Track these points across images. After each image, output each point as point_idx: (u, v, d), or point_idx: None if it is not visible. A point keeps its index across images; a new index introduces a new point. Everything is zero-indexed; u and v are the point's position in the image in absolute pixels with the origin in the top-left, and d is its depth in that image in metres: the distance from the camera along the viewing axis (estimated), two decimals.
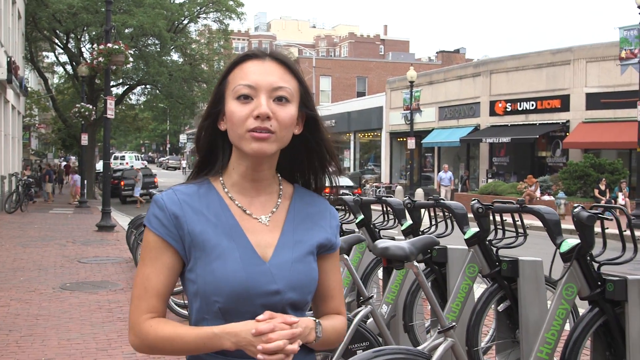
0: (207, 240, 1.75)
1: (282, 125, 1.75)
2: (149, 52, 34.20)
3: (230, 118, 1.76)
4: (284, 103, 1.77)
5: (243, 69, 1.79)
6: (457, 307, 4.82)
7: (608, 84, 28.18)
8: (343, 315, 1.97)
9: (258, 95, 1.75)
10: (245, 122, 1.73)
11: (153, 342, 1.75)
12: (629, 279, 3.87)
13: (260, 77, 1.76)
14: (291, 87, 1.80)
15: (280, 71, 1.80)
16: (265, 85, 1.76)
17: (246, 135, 1.73)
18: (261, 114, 1.72)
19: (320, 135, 1.91)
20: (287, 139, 1.80)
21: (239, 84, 1.77)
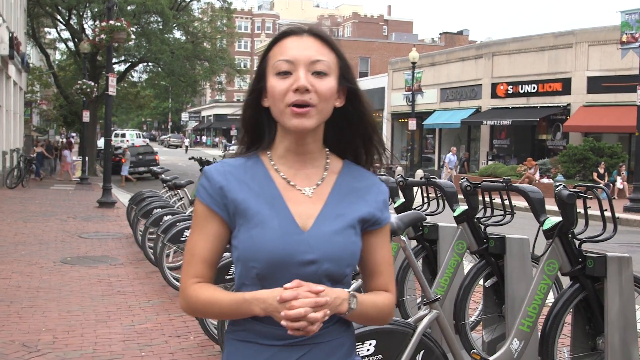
0: (248, 208, 1.82)
1: (321, 98, 1.80)
2: (151, 29, 34.15)
3: (271, 93, 1.82)
4: (323, 76, 1.82)
5: (282, 46, 1.85)
6: (445, 282, 4.97)
7: (609, 67, 28.20)
8: (390, 292, 1.97)
9: (297, 69, 1.80)
10: (285, 97, 1.79)
11: (195, 306, 1.85)
12: (609, 256, 4.00)
13: (298, 52, 1.82)
14: (329, 60, 1.85)
15: (318, 45, 1.85)
16: (303, 59, 1.81)
17: (286, 110, 1.79)
18: (300, 87, 1.77)
19: (362, 108, 1.94)
20: (328, 111, 1.85)
21: (278, 59, 1.82)
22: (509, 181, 4.61)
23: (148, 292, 8.31)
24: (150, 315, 7.20)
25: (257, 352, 1.83)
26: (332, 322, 1.84)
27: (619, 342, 4.01)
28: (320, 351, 1.83)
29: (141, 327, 6.76)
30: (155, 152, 36.25)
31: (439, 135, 39.36)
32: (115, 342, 6.26)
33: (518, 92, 32.69)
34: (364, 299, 1.87)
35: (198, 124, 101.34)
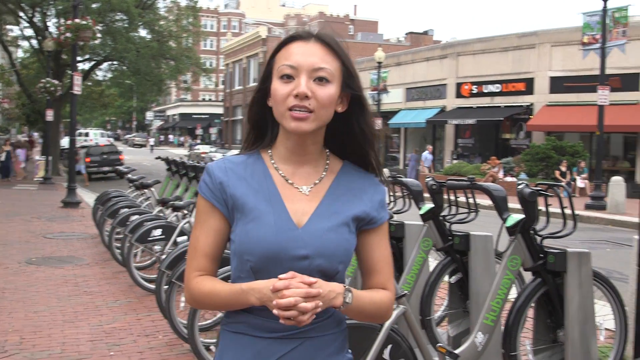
0: (246, 203, 1.89)
1: (320, 104, 1.85)
2: (117, 28, 33.83)
3: (274, 96, 1.88)
4: (324, 83, 1.86)
5: (288, 50, 1.90)
6: (411, 278, 5.07)
7: (571, 68, 28.68)
8: (389, 290, 2.01)
9: (299, 75, 1.85)
10: (285, 100, 1.85)
11: (198, 297, 1.91)
12: (569, 251, 4.13)
13: (302, 58, 1.86)
14: (332, 67, 1.89)
15: (323, 52, 1.90)
16: (306, 66, 1.86)
17: (286, 114, 1.85)
18: (300, 94, 1.83)
19: (364, 116, 1.99)
20: (327, 117, 1.90)
21: (283, 64, 1.88)
22: (473, 180, 4.73)
23: (115, 292, 8.30)
24: (118, 315, 7.20)
25: (250, 344, 1.89)
26: (325, 317, 1.90)
27: (579, 335, 4.14)
28: (311, 345, 1.89)
29: (109, 326, 6.76)
30: (119, 152, 35.94)
31: (404, 135, 39.63)
32: (83, 342, 6.25)
33: (482, 92, 33.08)
34: (361, 295, 1.92)
35: (163, 123, 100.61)
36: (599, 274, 4.51)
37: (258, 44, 60.95)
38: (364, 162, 2.04)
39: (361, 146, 2.01)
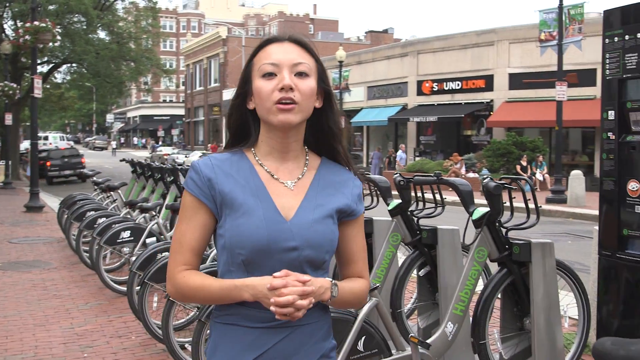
0: (235, 198, 1.97)
1: (303, 96, 1.97)
2: (75, 30, 33.47)
3: (258, 94, 1.99)
4: (304, 77, 1.99)
5: (266, 51, 2.02)
6: (381, 272, 5.19)
7: (530, 64, 29.16)
8: (365, 279, 2.14)
9: (281, 71, 1.97)
10: (271, 95, 1.96)
11: (184, 291, 1.99)
12: (533, 242, 4.28)
13: (281, 56, 1.99)
14: (309, 63, 2.03)
15: (299, 50, 2.03)
16: (287, 62, 1.98)
17: (273, 108, 1.95)
18: (285, 86, 1.94)
19: (332, 113, 2.11)
20: (310, 109, 2.02)
21: (264, 63, 1.99)
22: (439, 175, 4.86)
23: (85, 294, 8.30)
24: (89, 317, 7.22)
25: (242, 334, 1.98)
26: (312, 307, 1.97)
27: (544, 322, 4.30)
28: (301, 333, 1.99)
29: (81, 329, 6.77)
30: (81, 155, 35.54)
31: (366, 133, 39.88)
32: (55, 344, 6.27)
33: (443, 89, 33.46)
34: (343, 287, 2.04)
35: (124, 125, 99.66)
36: (562, 263, 4.68)
37: (218, 44, 60.73)
38: (334, 158, 2.15)
39: (330, 142, 2.13)
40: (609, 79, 3.78)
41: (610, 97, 3.78)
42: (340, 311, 3.88)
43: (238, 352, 1.98)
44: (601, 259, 3.94)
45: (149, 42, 38.95)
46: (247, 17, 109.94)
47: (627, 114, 3.73)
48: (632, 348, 2.26)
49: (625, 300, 3.80)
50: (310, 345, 2.02)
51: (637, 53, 3.60)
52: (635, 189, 3.68)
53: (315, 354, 2.03)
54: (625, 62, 3.67)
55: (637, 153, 3.67)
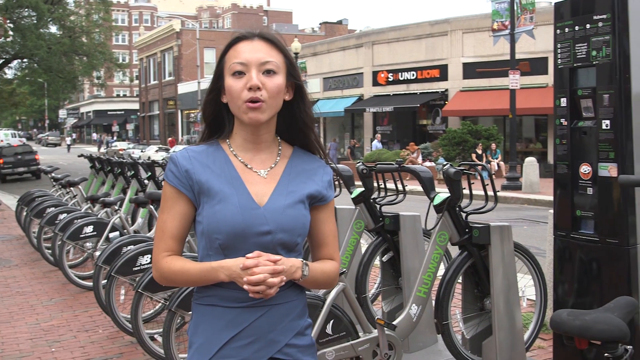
0: (211, 187, 2.09)
1: (271, 94, 2.08)
2: (25, 24, 32.97)
3: (229, 92, 2.10)
4: (272, 75, 2.09)
5: (236, 49, 2.12)
6: (346, 259, 5.33)
7: (483, 54, 29.57)
8: (335, 261, 2.26)
9: (249, 70, 2.07)
10: (241, 94, 2.07)
11: (167, 275, 2.11)
12: (491, 225, 4.46)
13: (250, 55, 2.09)
14: (277, 60, 2.12)
15: (267, 48, 2.13)
16: (254, 61, 2.08)
17: (243, 106, 2.07)
18: (252, 85, 2.05)
19: (304, 103, 2.22)
20: (278, 105, 2.13)
21: (233, 62, 2.10)
22: (401, 163, 5.02)
23: (49, 290, 8.29)
24: (54, 312, 7.23)
25: (221, 314, 2.10)
26: (286, 287, 2.12)
27: (504, 302, 4.48)
28: (276, 312, 2.11)
29: (47, 324, 6.79)
30: (35, 152, 35.00)
31: (323, 124, 40.02)
32: (22, 340, 6.29)
33: (398, 80, 33.73)
34: (314, 267, 2.17)
35: (77, 120, 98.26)
36: (520, 246, 4.87)
37: (172, 37, 60.21)
38: (307, 145, 2.28)
39: (303, 131, 2.26)
40: (560, 68, 3.96)
41: (562, 85, 3.96)
42: (309, 295, 4.01)
43: (217, 330, 2.10)
44: (556, 240, 4.13)
45: (101, 36, 38.53)
46: (201, 9, 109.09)
47: (578, 101, 3.92)
48: (586, 318, 2.43)
49: (579, 279, 3.99)
50: (286, 323, 2.14)
51: (586, 43, 3.79)
52: (587, 172, 3.87)
53: (291, 331, 2.16)
54: (576, 51, 3.86)
55: (588, 138, 3.86)
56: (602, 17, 3.69)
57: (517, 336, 4.55)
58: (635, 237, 3.70)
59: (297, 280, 2.11)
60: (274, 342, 2.12)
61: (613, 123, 3.68)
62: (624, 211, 3.69)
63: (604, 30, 3.68)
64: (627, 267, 3.71)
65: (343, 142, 38.82)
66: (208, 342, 2.11)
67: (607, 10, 3.68)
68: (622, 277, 3.74)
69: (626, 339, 2.42)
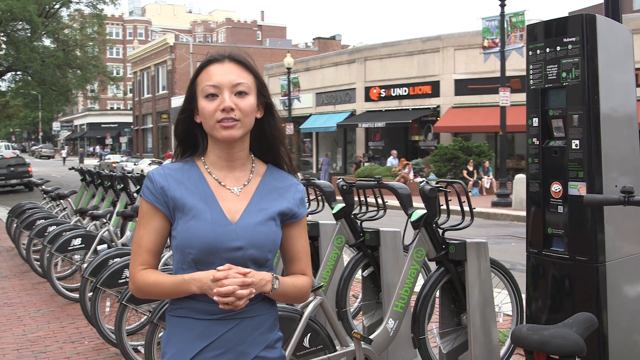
0: (185, 204, 2.17)
1: (244, 113, 2.17)
2: (19, 37, 33.06)
3: (202, 113, 2.20)
4: (244, 96, 2.19)
5: (208, 72, 2.21)
6: (327, 273, 5.41)
7: (474, 70, 29.77)
8: (307, 276, 2.34)
9: (222, 92, 2.17)
10: (214, 115, 2.16)
11: (142, 287, 2.20)
12: (468, 242, 4.55)
13: (222, 77, 2.18)
14: (248, 81, 2.21)
15: (238, 69, 2.22)
16: (227, 84, 2.17)
17: (216, 126, 2.16)
18: (226, 107, 2.15)
19: (274, 120, 2.33)
20: (251, 123, 2.22)
21: (206, 84, 2.19)
22: (380, 179, 5.12)
23: (37, 302, 8.34)
24: (41, 324, 7.29)
25: (193, 325, 2.18)
26: (257, 300, 2.21)
27: (480, 318, 4.56)
28: (247, 324, 2.20)
29: (33, 335, 6.85)
30: (27, 164, 34.98)
31: (316, 139, 40.15)
32: (8, 351, 6.34)
33: (390, 95, 33.90)
34: (285, 281, 2.25)
35: (70, 133, 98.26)
36: (496, 262, 4.96)
37: (166, 51, 60.40)
38: (278, 162, 2.37)
39: (273, 146, 2.35)
40: (533, 89, 4.08)
41: (534, 105, 4.08)
42: (287, 309, 4.10)
43: (189, 341, 2.18)
44: (530, 257, 4.22)
45: (95, 49, 38.57)
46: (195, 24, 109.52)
47: (549, 121, 4.03)
48: (544, 333, 2.52)
49: (552, 295, 4.08)
50: (256, 336, 2.22)
51: (557, 65, 3.90)
52: (557, 190, 3.97)
53: (261, 344, 2.24)
54: (547, 73, 3.97)
55: (558, 157, 3.96)
56: (572, 40, 3.81)
57: (493, 351, 4.63)
58: (604, 254, 3.80)
59: (268, 294, 2.19)
60: (244, 354, 2.20)
61: (582, 143, 3.79)
62: (593, 229, 3.79)
63: (574, 53, 3.80)
64: (596, 284, 3.80)
65: (335, 157, 38.94)
66: (180, 352, 2.19)
67: (577, 33, 3.80)
68: (591, 294, 3.84)
69: (582, 354, 2.51)
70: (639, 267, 4.01)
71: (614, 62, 3.89)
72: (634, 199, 3.05)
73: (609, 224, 3.81)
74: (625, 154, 3.98)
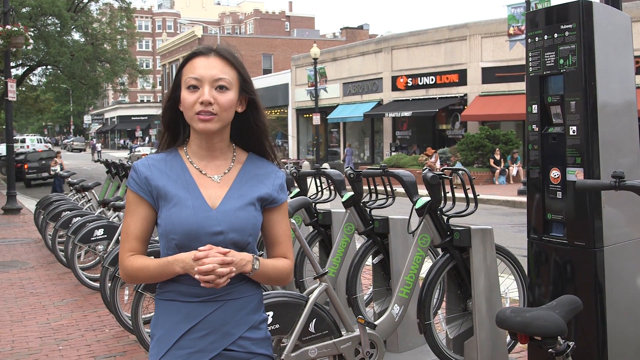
0: (168, 192, 2.28)
1: (222, 108, 2.25)
2: (49, 32, 33.47)
3: (183, 103, 2.29)
4: (224, 90, 2.26)
5: (193, 64, 2.30)
6: (337, 261, 5.50)
7: (501, 58, 29.53)
8: (289, 259, 2.42)
9: (203, 85, 2.25)
10: (193, 107, 2.25)
11: (130, 272, 2.30)
12: (472, 228, 4.60)
13: (204, 71, 2.26)
14: (230, 77, 2.29)
15: (222, 64, 2.30)
16: (208, 78, 2.26)
17: (195, 117, 2.25)
18: (204, 101, 2.23)
19: (258, 114, 2.41)
20: (229, 117, 2.30)
21: (189, 76, 2.28)
22: (385, 167, 5.19)
23: (61, 292, 8.55)
24: (65, 313, 7.48)
25: (179, 308, 2.29)
26: (240, 281, 2.30)
27: (485, 303, 4.62)
28: (231, 306, 2.29)
29: (57, 324, 7.04)
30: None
31: (343, 129, 40.17)
32: (32, 339, 6.53)
33: (417, 84, 33.78)
34: (265, 262, 2.33)
35: (101, 126, 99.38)
36: (502, 248, 5.01)
37: (194, 43, 60.76)
38: (261, 151, 2.47)
39: (257, 138, 2.45)
40: (532, 76, 4.11)
41: (534, 92, 4.10)
42: (292, 295, 4.19)
43: (175, 323, 2.29)
44: (532, 243, 4.25)
45: (124, 42, 38.97)
46: (223, 15, 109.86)
47: (548, 108, 4.06)
48: (527, 315, 2.58)
49: (554, 281, 4.11)
50: (240, 317, 2.32)
51: (554, 52, 3.92)
52: (556, 176, 4.00)
53: (245, 325, 2.33)
54: (545, 60, 3.99)
55: (557, 143, 3.99)
56: (569, 27, 3.83)
57: (498, 337, 4.68)
58: (601, 240, 3.83)
59: (248, 274, 2.28)
60: (229, 334, 2.29)
61: (579, 129, 3.82)
62: (591, 215, 3.82)
63: (571, 39, 3.82)
64: (595, 268, 3.84)
65: (363, 147, 38.95)
66: (167, 334, 2.30)
67: (574, 19, 3.82)
68: (590, 279, 3.87)
69: (564, 334, 2.57)
70: (637, 251, 4.03)
71: (611, 49, 3.91)
72: (625, 183, 3.09)
73: (606, 209, 3.84)
74: (624, 140, 4.00)
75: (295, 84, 43.17)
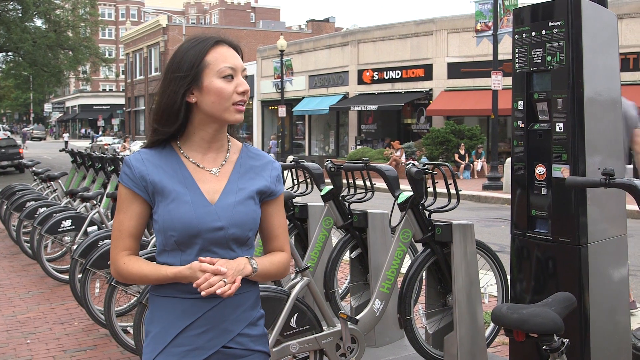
0: (164, 187, 2.20)
1: (247, 97, 2.25)
2: (10, 17, 32.87)
3: (220, 93, 2.19)
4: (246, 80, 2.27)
5: (220, 53, 2.23)
6: (315, 255, 5.45)
7: (467, 54, 29.71)
8: (286, 252, 2.38)
9: (237, 75, 2.23)
10: (231, 97, 2.20)
11: (125, 275, 2.22)
12: (454, 223, 4.59)
13: (236, 61, 2.23)
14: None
15: (238, 56, 2.28)
16: (240, 67, 2.24)
17: (231, 108, 2.21)
18: (245, 90, 2.22)
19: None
20: None
21: (224, 65, 2.21)
22: (367, 162, 5.15)
23: (26, 284, 8.38)
24: (31, 305, 7.32)
25: (176, 304, 2.22)
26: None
27: (465, 299, 4.61)
28: (229, 303, 2.23)
29: (23, 316, 6.89)
30: (19, 145, 34.88)
31: (308, 122, 40.12)
32: None
33: (383, 78, 33.85)
34: (262, 259, 2.29)
35: (62, 115, 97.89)
36: (482, 244, 5.01)
37: (158, 32, 60.04)
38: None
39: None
40: (518, 72, 4.10)
41: (520, 88, 4.10)
42: (274, 290, 4.14)
43: (172, 320, 2.22)
44: (515, 239, 4.25)
45: (87, 30, 38.38)
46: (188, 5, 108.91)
47: (534, 104, 4.06)
48: (523, 312, 2.56)
49: (536, 277, 4.12)
50: (238, 314, 2.26)
51: (542, 48, 3.92)
52: (542, 172, 4.00)
53: (244, 322, 2.28)
54: (532, 56, 3.99)
55: (543, 140, 3.99)
56: (557, 24, 3.83)
57: (478, 332, 4.69)
58: (586, 236, 3.84)
59: (250, 275, 2.22)
60: (227, 331, 2.24)
61: (566, 126, 3.82)
62: (576, 211, 3.83)
63: (559, 37, 3.82)
64: (579, 265, 3.85)
65: (328, 139, 38.94)
66: (164, 330, 2.23)
67: (562, 16, 3.82)
68: (574, 275, 3.89)
69: (560, 332, 2.56)
70: (620, 248, 4.06)
71: (598, 46, 3.92)
72: (614, 181, 3.09)
73: (591, 206, 3.85)
74: (609, 137, 4.01)
75: (261, 75, 43.00)
